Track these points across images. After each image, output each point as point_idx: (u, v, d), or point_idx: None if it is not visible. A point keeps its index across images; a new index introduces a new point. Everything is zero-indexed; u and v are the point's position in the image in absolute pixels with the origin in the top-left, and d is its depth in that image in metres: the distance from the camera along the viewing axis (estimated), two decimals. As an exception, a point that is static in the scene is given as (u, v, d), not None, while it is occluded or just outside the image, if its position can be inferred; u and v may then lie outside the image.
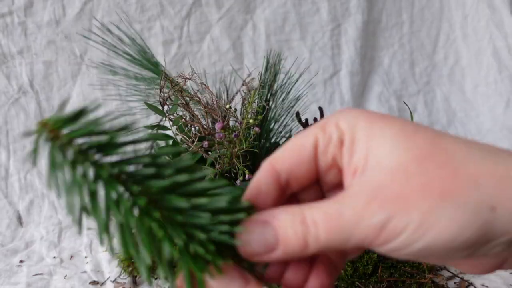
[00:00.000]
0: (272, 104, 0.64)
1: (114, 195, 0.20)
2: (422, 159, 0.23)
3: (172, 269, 0.21)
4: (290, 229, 0.23)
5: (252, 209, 0.25)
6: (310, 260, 0.27)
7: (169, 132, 0.63)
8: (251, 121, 0.56)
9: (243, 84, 0.60)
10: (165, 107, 0.57)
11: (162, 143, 0.64)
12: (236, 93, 0.62)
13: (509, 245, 0.23)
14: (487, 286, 0.58)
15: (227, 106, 0.58)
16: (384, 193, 0.23)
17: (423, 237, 0.22)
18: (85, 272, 0.66)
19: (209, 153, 0.56)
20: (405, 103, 1.01)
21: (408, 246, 0.23)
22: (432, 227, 0.22)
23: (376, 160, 0.24)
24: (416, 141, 0.24)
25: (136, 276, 0.63)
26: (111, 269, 0.65)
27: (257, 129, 0.56)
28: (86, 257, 0.70)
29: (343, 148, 0.25)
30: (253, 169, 0.57)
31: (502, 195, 0.22)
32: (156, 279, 0.62)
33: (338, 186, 0.27)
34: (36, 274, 0.65)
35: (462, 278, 0.59)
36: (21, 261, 0.68)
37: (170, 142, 0.62)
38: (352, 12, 1.01)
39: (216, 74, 0.91)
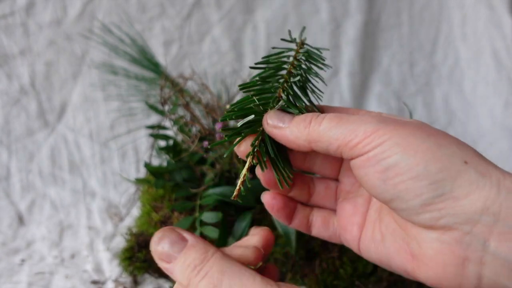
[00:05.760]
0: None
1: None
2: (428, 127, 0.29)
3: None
4: (303, 116, 0.31)
5: None
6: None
7: (169, 132, 0.64)
8: (251, 121, 0.56)
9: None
10: (166, 107, 0.57)
11: (162, 143, 0.64)
12: (237, 93, 0.62)
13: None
14: None
15: (227, 107, 0.58)
16: (387, 120, 0.28)
17: (395, 155, 0.26)
18: (86, 271, 0.66)
19: (210, 153, 0.56)
20: (404, 103, 1.01)
21: (379, 161, 0.27)
22: (407, 147, 0.26)
23: None
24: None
25: (136, 276, 0.63)
26: (112, 269, 0.66)
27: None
28: (87, 256, 0.70)
29: None
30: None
31: (475, 157, 0.26)
32: (156, 278, 0.63)
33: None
34: (37, 273, 0.65)
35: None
36: (22, 260, 0.69)
37: (171, 142, 0.63)
38: (351, 13, 1.01)
39: (216, 74, 0.92)
